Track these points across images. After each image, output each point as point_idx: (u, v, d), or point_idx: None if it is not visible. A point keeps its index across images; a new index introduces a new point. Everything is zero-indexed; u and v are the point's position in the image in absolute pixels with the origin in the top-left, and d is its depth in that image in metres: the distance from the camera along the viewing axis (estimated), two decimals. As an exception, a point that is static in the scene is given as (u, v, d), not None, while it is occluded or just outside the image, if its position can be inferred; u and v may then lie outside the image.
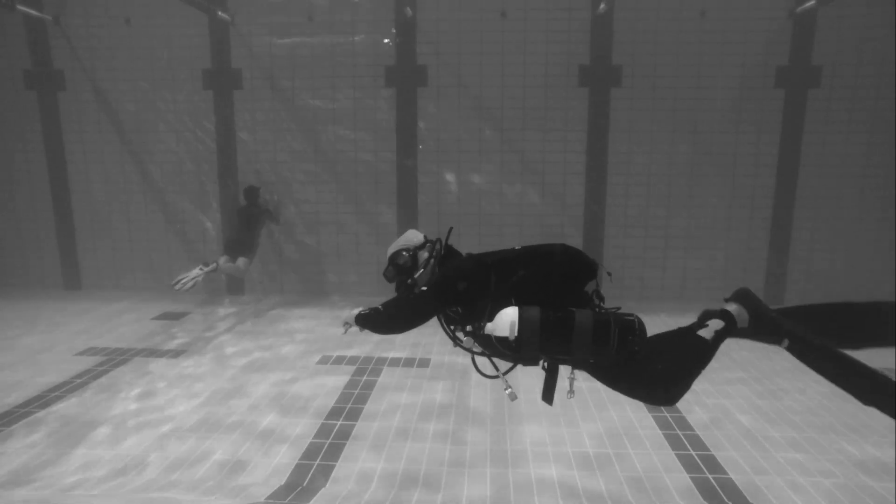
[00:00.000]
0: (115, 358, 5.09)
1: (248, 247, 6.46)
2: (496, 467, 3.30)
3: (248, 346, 5.45)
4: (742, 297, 2.41)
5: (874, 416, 3.96)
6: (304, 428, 3.77)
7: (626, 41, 6.71)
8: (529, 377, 4.70)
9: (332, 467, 3.29)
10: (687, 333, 2.32)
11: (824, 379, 2.36)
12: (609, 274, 2.40)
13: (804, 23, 6.56)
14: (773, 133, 6.80)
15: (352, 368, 4.85)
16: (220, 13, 6.79)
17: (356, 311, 2.48)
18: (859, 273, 6.94)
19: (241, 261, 6.35)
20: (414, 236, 2.60)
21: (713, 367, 5.09)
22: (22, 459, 3.34)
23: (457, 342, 2.36)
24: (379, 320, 2.41)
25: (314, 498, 2.96)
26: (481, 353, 2.34)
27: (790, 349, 2.37)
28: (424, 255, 2.51)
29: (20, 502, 2.84)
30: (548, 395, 2.27)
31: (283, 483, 3.12)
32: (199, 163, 7.31)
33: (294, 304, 7.01)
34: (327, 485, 3.11)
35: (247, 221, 6.52)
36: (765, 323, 2.37)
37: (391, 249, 2.56)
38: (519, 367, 2.29)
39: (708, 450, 3.51)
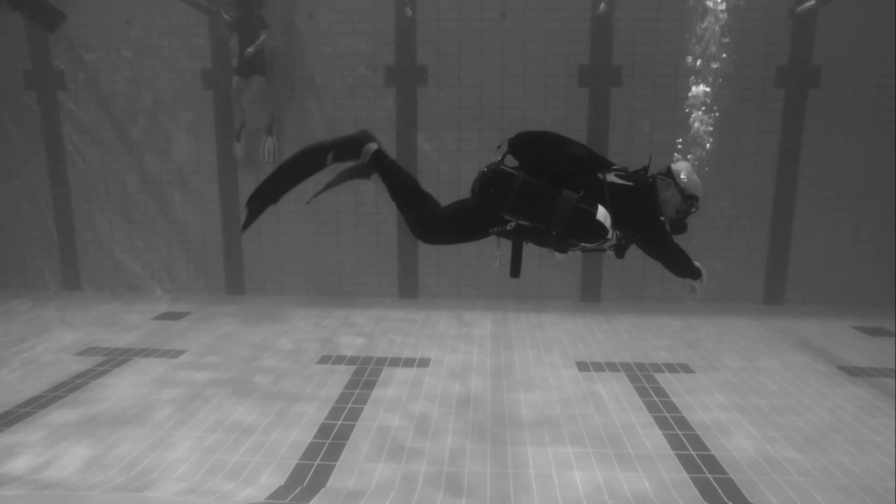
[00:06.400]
0: (115, 358, 5.09)
1: (256, 60, 6.62)
2: (496, 467, 3.30)
3: (247, 346, 5.45)
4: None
5: (874, 416, 3.97)
6: (304, 428, 3.77)
7: (626, 41, 6.71)
8: (523, 384, 4.69)
9: (332, 467, 3.29)
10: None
11: (825, 379, 2.42)
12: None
13: (804, 23, 6.56)
14: (773, 133, 6.80)
15: (352, 368, 4.85)
16: (223, 15, 6.80)
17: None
18: (859, 273, 6.94)
19: (256, 80, 6.65)
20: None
21: (714, 367, 5.10)
22: (22, 459, 3.34)
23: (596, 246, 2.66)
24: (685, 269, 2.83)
25: (314, 498, 2.97)
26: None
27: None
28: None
29: (20, 502, 2.84)
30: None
31: (283, 483, 3.12)
32: (199, 163, 7.31)
33: (294, 303, 7.00)
34: (327, 485, 3.11)
35: (248, 34, 6.57)
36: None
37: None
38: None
39: (708, 450, 3.51)
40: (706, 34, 6.51)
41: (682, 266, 2.78)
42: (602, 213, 2.47)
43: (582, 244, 2.62)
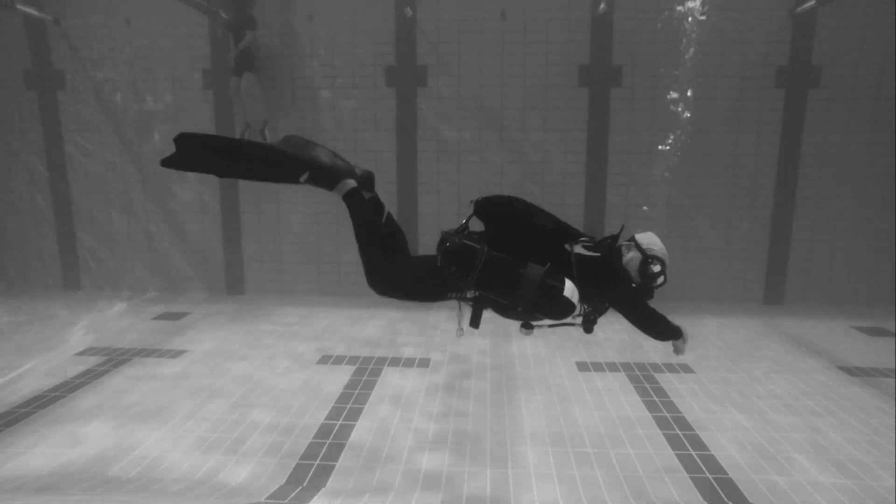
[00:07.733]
0: (115, 358, 5.09)
1: (245, 59, 6.68)
2: (496, 467, 3.30)
3: (248, 347, 5.45)
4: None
5: (874, 416, 3.97)
6: (304, 428, 3.77)
7: (626, 41, 6.71)
8: (525, 391, 4.70)
9: (332, 467, 3.29)
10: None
11: (825, 379, 2.39)
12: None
13: (804, 23, 6.57)
14: (773, 133, 6.80)
15: (352, 368, 4.85)
16: (222, 14, 6.81)
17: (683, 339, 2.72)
18: (859, 273, 6.94)
19: (246, 76, 6.76)
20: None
21: (714, 367, 5.10)
22: (22, 459, 3.34)
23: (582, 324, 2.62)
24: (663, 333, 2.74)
25: (314, 498, 2.97)
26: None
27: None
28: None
29: (21, 502, 2.84)
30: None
31: (283, 483, 3.12)
32: (199, 163, 7.31)
33: (293, 303, 7.00)
34: (327, 485, 3.12)
35: (240, 34, 6.61)
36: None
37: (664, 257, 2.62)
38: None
39: (708, 450, 3.51)
40: (706, 34, 6.52)
41: (661, 330, 2.71)
42: (570, 289, 2.38)
43: (548, 319, 2.54)
